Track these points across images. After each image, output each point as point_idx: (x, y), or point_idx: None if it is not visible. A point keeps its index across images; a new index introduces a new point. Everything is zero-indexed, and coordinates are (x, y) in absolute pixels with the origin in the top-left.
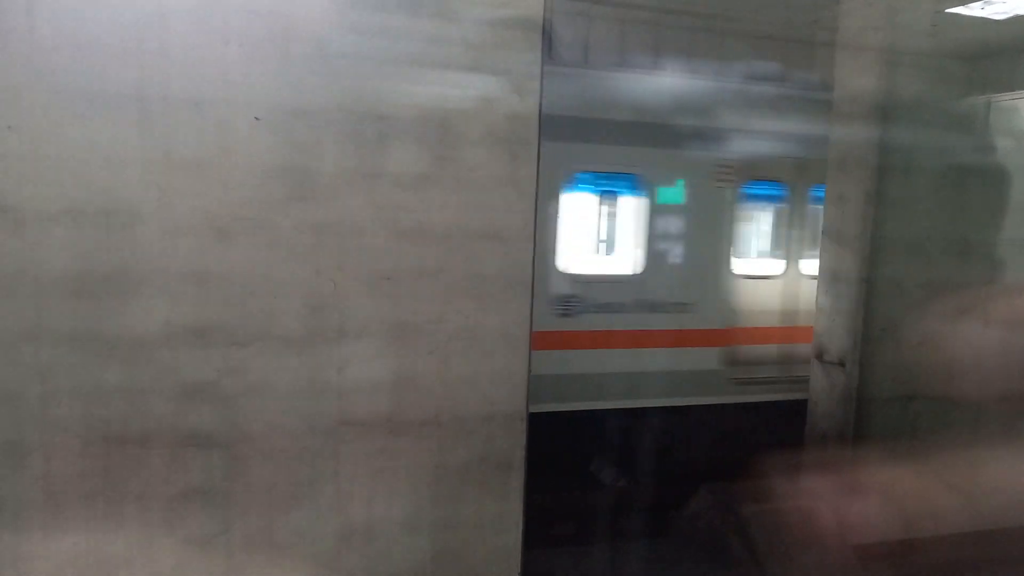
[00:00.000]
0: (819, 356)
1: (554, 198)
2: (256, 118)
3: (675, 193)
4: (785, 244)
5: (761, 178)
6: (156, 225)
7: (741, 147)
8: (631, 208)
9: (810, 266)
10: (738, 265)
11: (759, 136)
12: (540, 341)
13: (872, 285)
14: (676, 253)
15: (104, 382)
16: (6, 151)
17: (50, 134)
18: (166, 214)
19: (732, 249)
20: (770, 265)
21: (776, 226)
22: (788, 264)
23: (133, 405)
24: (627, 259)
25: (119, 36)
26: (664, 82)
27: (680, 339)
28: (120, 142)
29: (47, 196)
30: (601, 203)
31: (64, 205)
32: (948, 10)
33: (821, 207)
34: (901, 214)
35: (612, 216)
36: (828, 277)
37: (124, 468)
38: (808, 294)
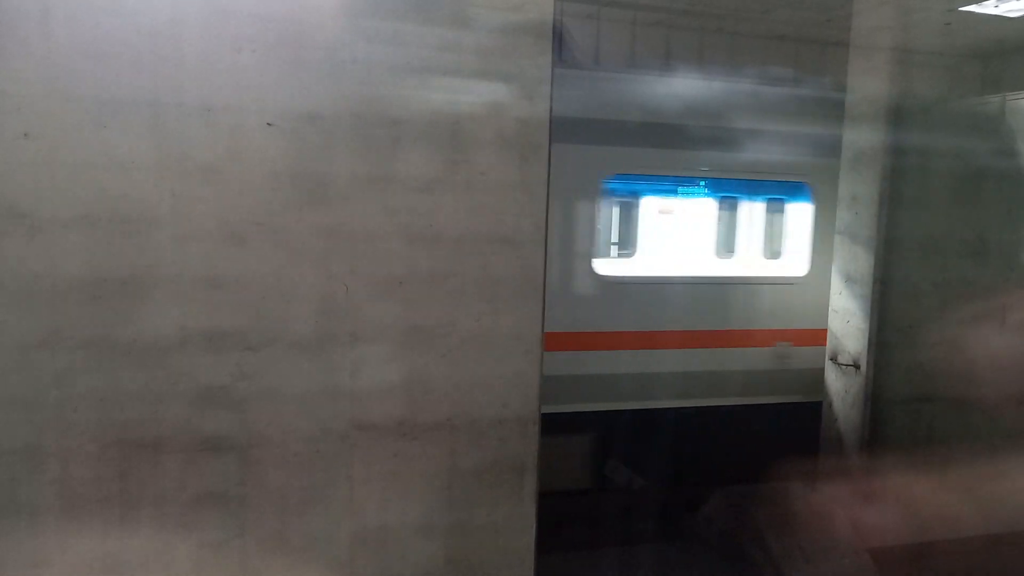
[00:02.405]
0: (833, 358)
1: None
2: (268, 123)
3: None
4: None
5: None
6: (170, 231)
7: None
8: (804, 214)
9: None
10: None
11: None
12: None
13: (887, 286)
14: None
15: (119, 387)
16: (22, 158)
17: (65, 141)
18: (180, 220)
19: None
20: None
21: None
22: None
23: (148, 410)
24: (797, 263)
25: (133, 44)
26: (796, 94)
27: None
28: (134, 148)
29: (62, 202)
30: (771, 210)
31: (79, 211)
32: (961, 8)
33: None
34: (916, 215)
35: (784, 222)
36: (842, 278)
37: (140, 472)
38: None
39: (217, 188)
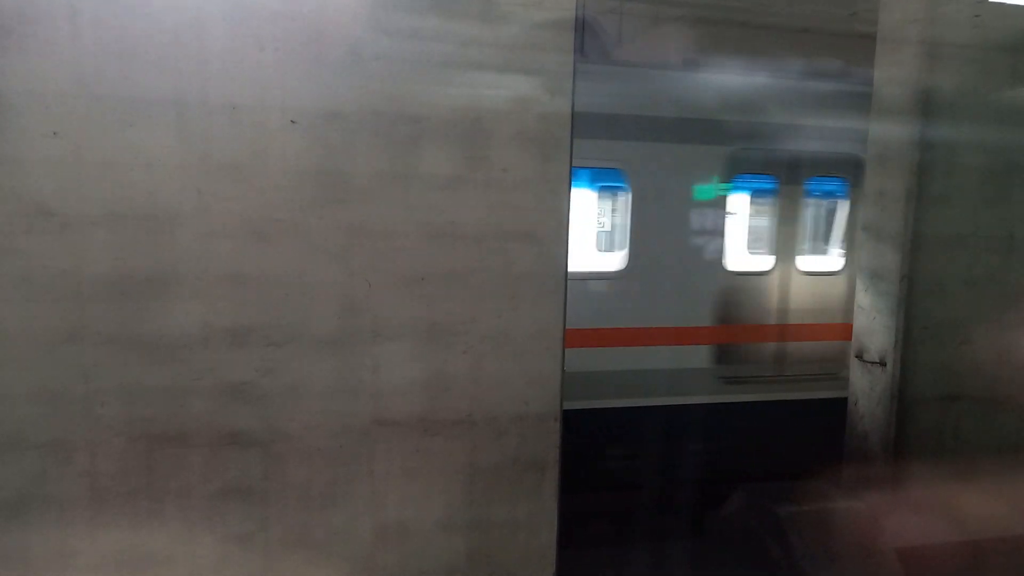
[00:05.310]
0: (859, 355)
1: None
2: (292, 121)
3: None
4: None
5: None
6: (195, 228)
7: None
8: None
9: None
10: None
11: None
12: None
13: (914, 283)
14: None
15: (145, 382)
16: (50, 156)
17: (93, 139)
18: (204, 217)
19: None
20: None
21: None
22: None
23: (173, 404)
24: None
25: (159, 43)
26: None
27: None
28: (160, 147)
29: (90, 200)
30: None
31: (106, 209)
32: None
33: None
34: (944, 210)
35: None
36: (868, 275)
37: (165, 466)
38: None
39: (241, 186)
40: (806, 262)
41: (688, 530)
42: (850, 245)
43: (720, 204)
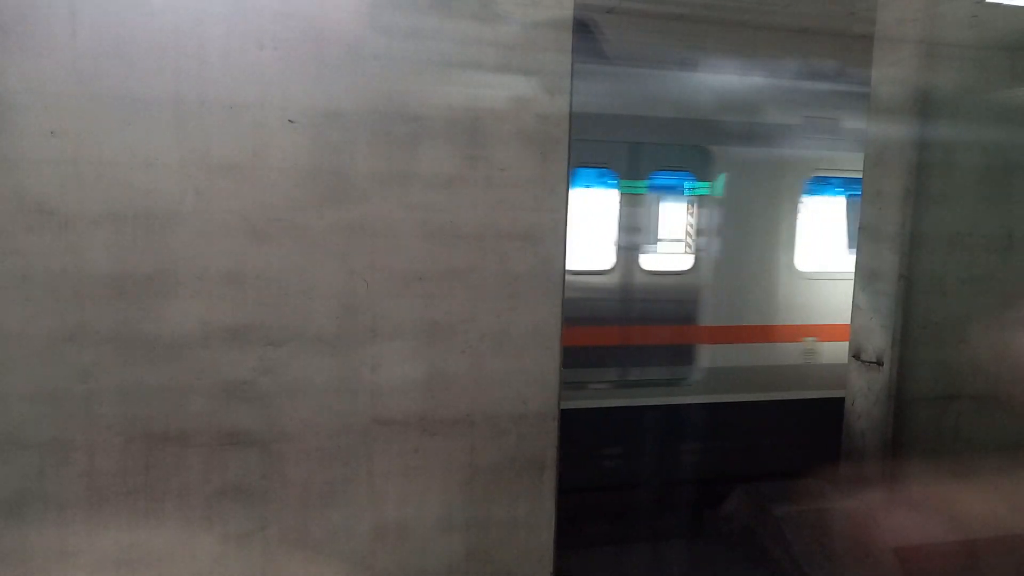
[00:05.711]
0: (856, 355)
1: None
2: (290, 120)
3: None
4: None
5: None
6: (194, 227)
7: None
8: None
9: None
10: None
11: None
12: None
13: (911, 282)
14: None
15: (145, 381)
16: (50, 156)
17: (92, 139)
18: (203, 216)
19: None
20: None
21: None
22: None
23: (172, 404)
24: None
25: (157, 42)
26: None
27: None
28: (158, 146)
29: (89, 199)
30: None
31: (105, 208)
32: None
33: None
34: (942, 210)
35: None
36: (865, 274)
37: (164, 466)
38: None
39: (239, 185)
40: (652, 261)
41: None
42: (706, 242)
43: None
